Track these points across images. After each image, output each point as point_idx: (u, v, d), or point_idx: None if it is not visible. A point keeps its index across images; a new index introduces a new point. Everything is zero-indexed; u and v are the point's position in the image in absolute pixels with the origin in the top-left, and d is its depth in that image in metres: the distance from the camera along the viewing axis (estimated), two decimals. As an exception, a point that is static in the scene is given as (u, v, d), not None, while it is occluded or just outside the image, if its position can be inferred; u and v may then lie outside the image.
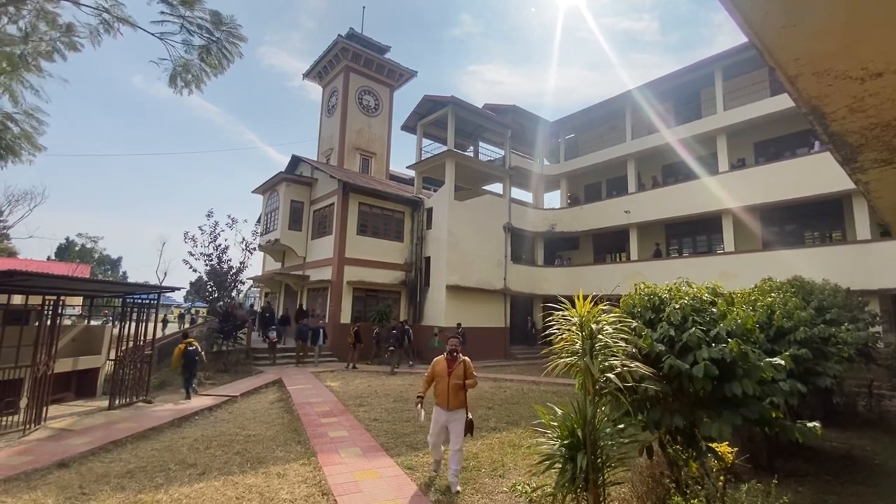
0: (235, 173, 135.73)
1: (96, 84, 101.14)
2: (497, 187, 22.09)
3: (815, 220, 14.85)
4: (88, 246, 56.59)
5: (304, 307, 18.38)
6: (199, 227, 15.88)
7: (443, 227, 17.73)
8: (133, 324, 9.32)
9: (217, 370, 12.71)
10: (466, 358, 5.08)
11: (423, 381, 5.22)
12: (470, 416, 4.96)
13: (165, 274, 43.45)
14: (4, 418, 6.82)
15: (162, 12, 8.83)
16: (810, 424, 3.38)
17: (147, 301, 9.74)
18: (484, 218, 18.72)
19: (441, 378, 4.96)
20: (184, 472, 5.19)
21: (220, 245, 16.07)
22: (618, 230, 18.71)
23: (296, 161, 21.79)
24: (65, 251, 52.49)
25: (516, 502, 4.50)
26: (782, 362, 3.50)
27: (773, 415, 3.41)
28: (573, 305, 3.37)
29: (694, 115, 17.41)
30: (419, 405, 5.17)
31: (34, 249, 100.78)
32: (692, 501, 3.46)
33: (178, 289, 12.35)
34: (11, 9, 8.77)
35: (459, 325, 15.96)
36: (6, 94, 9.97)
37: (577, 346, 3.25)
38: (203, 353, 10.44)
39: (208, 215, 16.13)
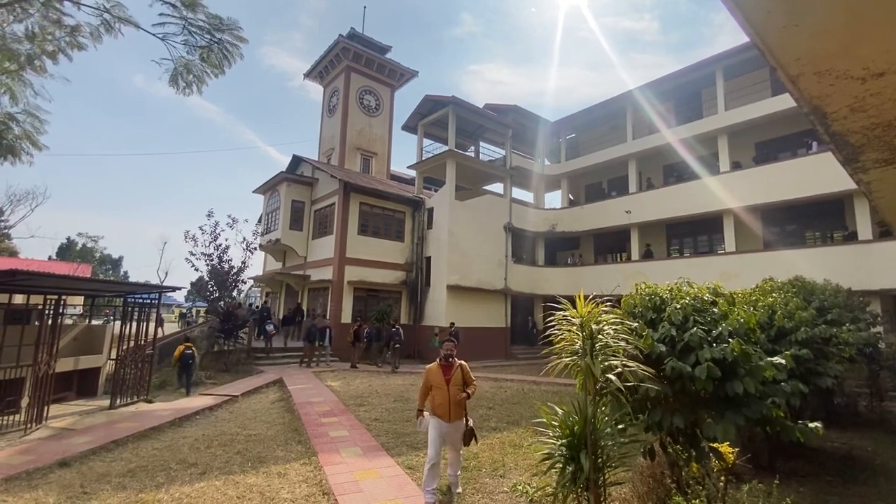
0: (236, 173, 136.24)
1: (97, 83, 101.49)
2: (498, 187, 22.09)
3: (817, 220, 14.82)
4: (89, 245, 56.75)
5: (303, 306, 18.38)
6: (200, 227, 15.93)
7: (443, 227, 17.72)
8: (134, 323, 9.35)
9: (218, 370, 12.70)
10: (462, 362, 4.72)
11: (420, 393, 4.80)
12: (471, 423, 4.60)
13: (166, 273, 43.58)
14: (6, 417, 6.84)
15: (163, 14, 8.86)
16: (812, 425, 3.37)
17: (148, 301, 9.76)
18: (485, 218, 18.71)
19: (439, 389, 4.51)
20: (185, 472, 5.20)
21: (220, 245, 16.11)
22: (619, 230, 18.68)
23: (297, 161, 21.80)
24: (66, 251, 52.56)
25: (517, 502, 4.49)
26: (783, 362, 3.50)
27: (775, 414, 3.40)
28: (574, 305, 3.37)
29: (695, 115, 17.37)
30: (420, 418, 4.73)
31: (35, 249, 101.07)
32: (693, 502, 3.46)
33: (179, 288, 12.43)
34: (18, 8, 8.78)
35: (452, 324, 15.95)
36: (7, 94, 10.00)
37: (578, 346, 3.25)
38: (198, 356, 10.53)
39: (209, 215, 16.19)
